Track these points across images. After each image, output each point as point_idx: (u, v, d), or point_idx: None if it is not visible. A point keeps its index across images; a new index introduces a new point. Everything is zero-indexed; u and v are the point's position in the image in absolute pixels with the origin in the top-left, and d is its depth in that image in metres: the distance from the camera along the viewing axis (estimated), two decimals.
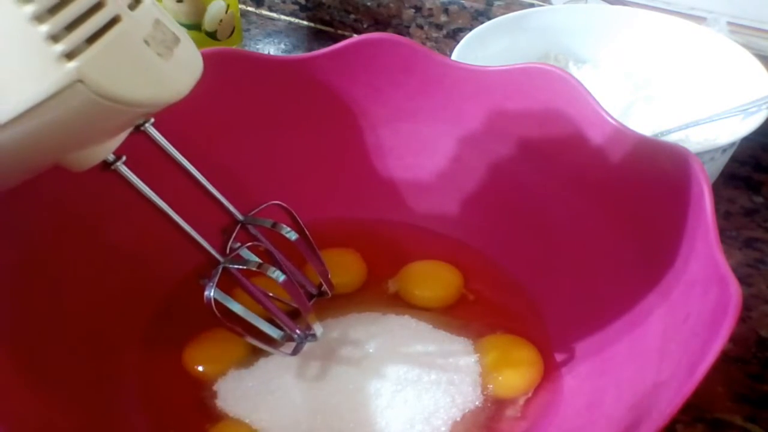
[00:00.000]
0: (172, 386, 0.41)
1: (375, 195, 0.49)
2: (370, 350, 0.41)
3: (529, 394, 0.40)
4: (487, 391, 0.40)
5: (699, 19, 0.60)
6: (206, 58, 0.41)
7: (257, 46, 0.76)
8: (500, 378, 0.40)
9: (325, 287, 0.41)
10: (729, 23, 0.59)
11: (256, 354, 0.42)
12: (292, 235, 0.37)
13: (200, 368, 0.41)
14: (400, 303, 0.45)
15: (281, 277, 0.35)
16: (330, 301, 0.45)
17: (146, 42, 0.26)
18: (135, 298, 0.43)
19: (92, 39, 0.24)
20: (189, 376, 0.41)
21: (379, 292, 0.46)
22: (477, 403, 0.39)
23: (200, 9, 0.63)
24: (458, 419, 0.38)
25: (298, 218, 0.38)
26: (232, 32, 0.67)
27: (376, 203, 0.49)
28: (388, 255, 0.47)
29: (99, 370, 0.39)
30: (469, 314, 0.44)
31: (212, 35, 0.65)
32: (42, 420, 0.35)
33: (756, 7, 0.59)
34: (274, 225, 0.37)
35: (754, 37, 0.59)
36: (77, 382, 0.38)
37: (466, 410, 0.39)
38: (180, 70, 0.27)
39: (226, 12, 0.65)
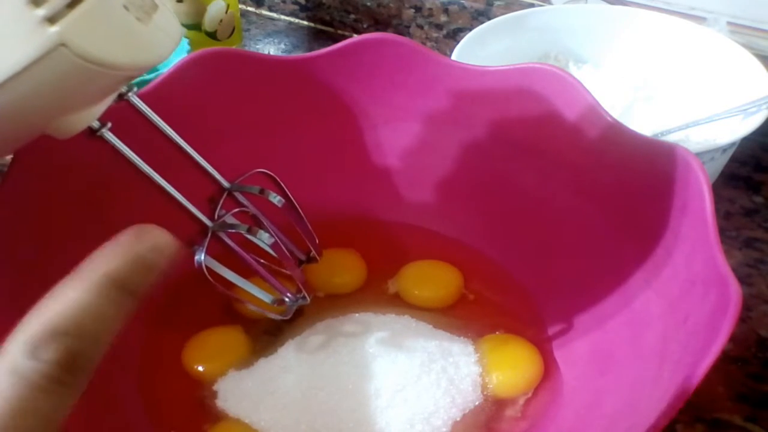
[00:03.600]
0: (172, 386, 0.41)
1: (375, 195, 0.49)
2: (370, 350, 0.41)
3: (529, 394, 0.40)
4: (487, 391, 0.40)
5: (699, 19, 0.60)
6: (206, 58, 0.42)
7: (257, 46, 0.76)
8: (500, 378, 0.40)
9: (313, 253, 0.41)
10: (729, 23, 0.59)
11: (256, 354, 0.42)
12: (280, 200, 0.37)
13: (200, 368, 0.41)
14: (400, 303, 0.45)
15: (271, 240, 0.35)
16: (330, 301, 0.45)
17: (125, 7, 0.26)
18: None
19: (73, 4, 0.24)
20: (189, 376, 0.41)
21: (379, 292, 0.46)
22: (477, 403, 0.39)
23: (200, 9, 0.63)
24: (458, 419, 0.38)
25: (284, 185, 0.38)
26: (232, 32, 0.67)
27: (376, 203, 0.49)
28: (388, 255, 0.47)
29: (99, 370, 0.39)
30: (469, 314, 0.44)
31: (212, 35, 0.65)
32: None
33: (756, 7, 0.59)
34: (261, 191, 0.37)
35: (754, 37, 0.59)
36: None
37: (466, 410, 0.39)
38: (159, 35, 0.28)
39: (226, 12, 0.65)
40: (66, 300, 0.21)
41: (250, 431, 0.38)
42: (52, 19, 0.23)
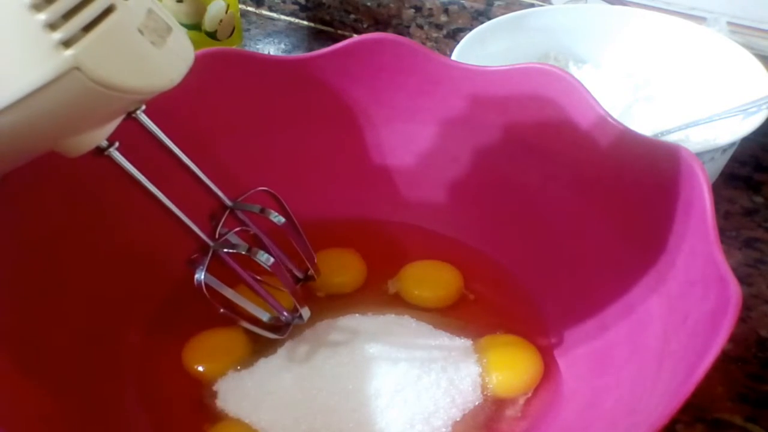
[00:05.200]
0: (172, 386, 0.41)
1: (375, 195, 0.49)
2: (370, 350, 0.41)
3: (529, 394, 0.40)
4: (487, 391, 0.40)
5: (699, 19, 0.60)
6: (206, 58, 0.41)
7: (257, 46, 0.76)
8: (500, 378, 0.40)
9: (311, 271, 0.41)
10: (729, 23, 0.59)
11: (256, 354, 0.42)
12: (280, 220, 0.37)
13: (200, 368, 0.41)
14: (400, 303, 0.45)
15: (270, 260, 0.35)
16: (330, 301, 0.45)
17: (140, 31, 0.26)
18: (135, 299, 0.43)
19: (88, 28, 0.24)
20: (189, 376, 0.41)
21: (379, 292, 0.46)
22: (477, 403, 0.39)
23: (200, 9, 0.63)
24: (458, 419, 0.38)
25: (285, 204, 0.39)
26: (232, 32, 0.67)
27: (376, 203, 0.49)
28: (388, 255, 0.47)
29: (99, 371, 0.39)
30: (469, 314, 0.44)
31: (212, 35, 0.65)
32: (42, 419, 0.35)
33: (756, 7, 0.59)
34: (262, 210, 0.37)
35: (754, 37, 0.59)
36: (77, 382, 0.38)
37: (466, 410, 0.39)
38: (173, 58, 0.28)
39: (226, 12, 0.65)
40: None
41: (250, 431, 0.38)
42: (67, 43, 0.24)
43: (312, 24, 0.79)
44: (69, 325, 0.39)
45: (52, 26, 0.23)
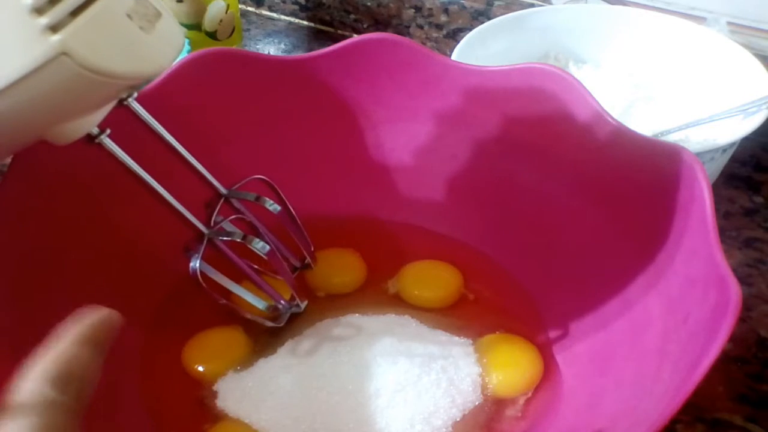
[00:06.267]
0: (172, 386, 0.41)
1: (375, 195, 0.49)
2: (370, 350, 0.40)
3: (529, 394, 0.40)
4: (487, 391, 0.40)
5: (699, 19, 0.60)
6: (206, 58, 0.42)
7: (257, 46, 0.76)
8: (500, 378, 0.40)
9: (308, 260, 0.41)
10: (729, 23, 0.59)
11: (256, 354, 0.42)
12: (276, 208, 0.37)
13: (200, 368, 0.41)
14: (400, 303, 0.45)
15: (266, 248, 0.35)
16: (330, 301, 0.45)
17: (129, 16, 0.26)
18: (135, 299, 0.43)
19: (76, 12, 0.24)
20: (189, 376, 0.41)
21: (379, 292, 0.46)
22: (477, 403, 0.39)
23: (200, 9, 0.63)
24: (458, 419, 0.38)
25: (281, 192, 0.39)
26: (232, 32, 0.67)
27: (376, 203, 0.49)
28: (388, 255, 0.47)
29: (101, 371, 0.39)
30: (469, 314, 0.44)
31: (212, 35, 0.65)
32: None
33: (756, 7, 0.59)
34: (257, 198, 0.37)
35: (754, 37, 0.59)
36: None
37: (466, 410, 0.39)
38: (162, 44, 0.28)
39: (226, 12, 0.65)
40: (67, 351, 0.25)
41: (250, 431, 0.38)
42: (54, 28, 0.23)
43: (312, 24, 0.79)
44: None
45: (39, 11, 0.23)
